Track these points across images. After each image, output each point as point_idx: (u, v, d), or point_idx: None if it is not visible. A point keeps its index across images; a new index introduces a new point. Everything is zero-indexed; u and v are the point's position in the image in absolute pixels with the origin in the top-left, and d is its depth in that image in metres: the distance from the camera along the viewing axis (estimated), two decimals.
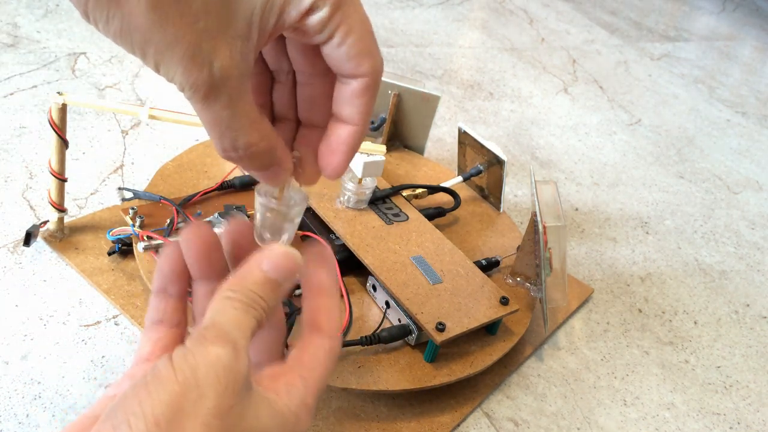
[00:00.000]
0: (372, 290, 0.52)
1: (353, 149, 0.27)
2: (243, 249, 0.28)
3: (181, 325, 0.28)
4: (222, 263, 0.28)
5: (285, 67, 0.27)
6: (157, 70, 0.22)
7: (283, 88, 0.28)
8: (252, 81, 0.26)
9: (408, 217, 0.57)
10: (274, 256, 0.26)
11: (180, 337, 0.28)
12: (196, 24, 0.21)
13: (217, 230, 0.50)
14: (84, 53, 0.84)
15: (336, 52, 0.24)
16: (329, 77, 0.26)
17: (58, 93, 0.49)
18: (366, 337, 0.47)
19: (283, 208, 0.30)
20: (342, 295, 0.51)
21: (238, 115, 0.24)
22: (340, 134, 0.27)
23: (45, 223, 0.55)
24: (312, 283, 0.28)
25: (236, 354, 0.22)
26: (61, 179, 0.52)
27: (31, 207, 0.59)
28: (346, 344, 0.47)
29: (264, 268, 0.25)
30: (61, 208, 0.54)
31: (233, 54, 0.22)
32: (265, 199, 0.30)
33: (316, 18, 0.23)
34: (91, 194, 0.62)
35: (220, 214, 0.51)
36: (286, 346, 0.44)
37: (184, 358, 0.22)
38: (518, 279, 0.57)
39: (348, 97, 0.26)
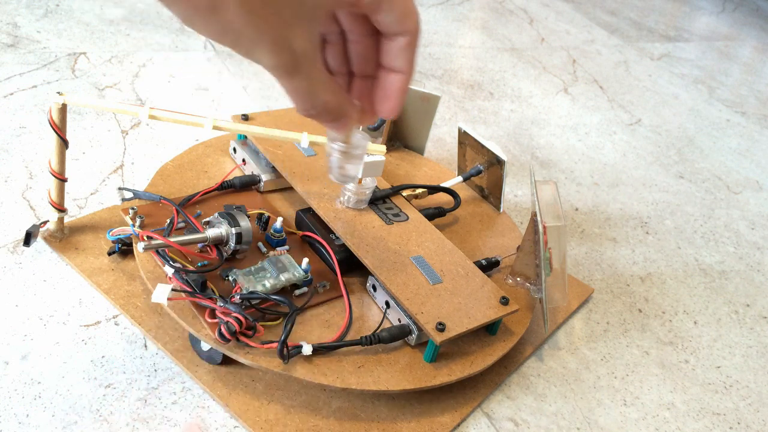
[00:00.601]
0: (372, 290, 0.52)
1: (405, 93, 0.33)
2: None
3: None
4: None
5: (335, 30, 0.32)
6: (246, 56, 0.28)
7: (333, 48, 0.33)
8: None
9: (408, 217, 0.57)
10: None
11: None
12: (277, 18, 0.26)
13: (215, 230, 0.50)
14: (84, 53, 0.84)
15: (385, 18, 0.30)
16: (376, 35, 0.32)
17: (58, 93, 0.49)
18: (366, 337, 0.47)
19: (350, 149, 0.39)
20: (342, 295, 0.51)
21: (314, 82, 0.29)
22: (393, 82, 0.32)
23: (45, 223, 0.55)
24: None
25: None
26: (61, 179, 0.52)
27: (31, 207, 0.59)
28: (346, 344, 0.47)
29: None
30: (61, 208, 0.54)
31: (306, 36, 0.28)
32: (337, 144, 0.39)
33: None
34: (91, 194, 0.62)
35: (220, 214, 0.51)
36: (286, 348, 0.44)
37: None
38: (518, 279, 0.57)
39: (396, 51, 0.31)
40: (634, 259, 0.72)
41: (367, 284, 0.53)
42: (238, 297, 0.46)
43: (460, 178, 0.67)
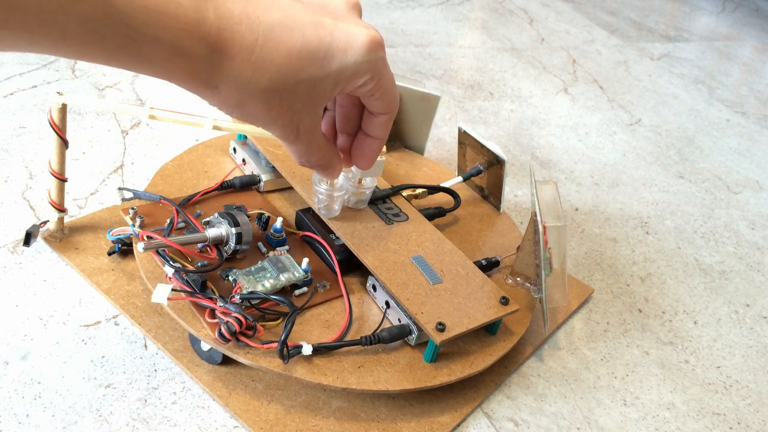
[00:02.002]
0: (372, 290, 0.52)
1: (379, 153, 0.41)
2: None
3: None
4: None
5: (330, 104, 0.41)
6: (262, 128, 0.35)
7: (327, 114, 0.42)
8: None
9: (408, 217, 0.57)
10: None
11: None
12: (290, 108, 0.33)
13: (215, 230, 0.50)
14: None
15: (373, 103, 0.37)
16: (360, 106, 0.40)
17: (58, 93, 0.49)
18: (366, 337, 0.47)
19: (332, 192, 0.52)
20: (342, 295, 0.51)
21: (312, 147, 0.37)
22: (371, 145, 0.40)
23: (45, 223, 0.55)
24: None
25: None
26: (61, 179, 0.52)
27: (31, 207, 0.59)
28: (346, 344, 0.47)
29: None
30: (61, 208, 0.54)
31: (311, 118, 0.35)
32: (319, 186, 0.51)
33: (365, 89, 0.35)
34: (91, 194, 0.62)
35: (220, 214, 0.51)
36: (286, 348, 0.44)
37: None
38: (518, 279, 0.57)
39: (377, 124, 0.39)
40: (634, 259, 0.72)
41: (367, 284, 0.53)
42: (238, 297, 0.46)
43: (460, 178, 0.67)
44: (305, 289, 0.51)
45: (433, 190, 0.64)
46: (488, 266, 0.58)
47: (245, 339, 0.44)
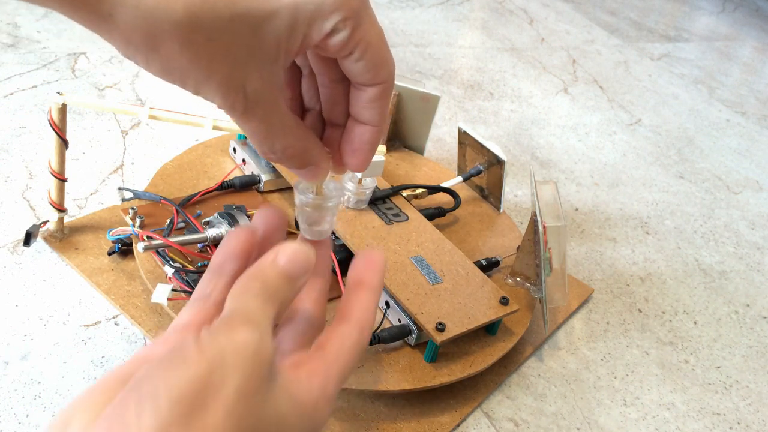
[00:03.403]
0: None
1: (374, 147, 0.29)
2: (273, 240, 0.28)
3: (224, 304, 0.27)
4: None
5: (307, 64, 0.29)
6: (197, 94, 0.25)
7: (308, 80, 0.30)
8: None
9: (408, 217, 0.57)
10: (289, 251, 0.26)
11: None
12: (226, 57, 0.24)
13: (215, 230, 0.50)
14: (84, 53, 0.84)
15: (354, 66, 0.26)
16: (347, 81, 0.28)
17: (58, 93, 0.49)
18: None
19: (320, 202, 0.33)
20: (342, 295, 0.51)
21: (273, 126, 0.26)
22: (362, 134, 0.29)
23: (45, 223, 0.55)
24: (356, 279, 0.30)
25: (262, 339, 0.22)
26: (61, 179, 0.52)
27: (31, 207, 0.59)
28: None
29: (280, 262, 0.25)
30: (61, 208, 0.54)
31: (263, 77, 0.25)
32: (304, 195, 0.32)
33: (337, 39, 0.25)
34: (91, 194, 0.62)
35: (220, 214, 0.51)
36: None
37: (211, 339, 0.22)
38: (518, 279, 0.57)
39: (366, 102, 0.28)
40: (634, 259, 0.72)
41: None
42: None
43: (460, 178, 0.67)
44: None
45: (433, 190, 0.64)
46: (488, 266, 0.58)
47: None
